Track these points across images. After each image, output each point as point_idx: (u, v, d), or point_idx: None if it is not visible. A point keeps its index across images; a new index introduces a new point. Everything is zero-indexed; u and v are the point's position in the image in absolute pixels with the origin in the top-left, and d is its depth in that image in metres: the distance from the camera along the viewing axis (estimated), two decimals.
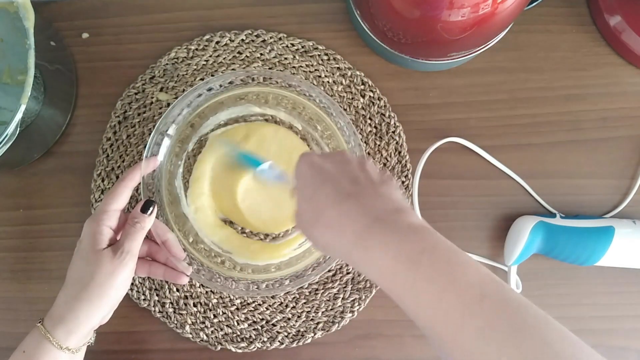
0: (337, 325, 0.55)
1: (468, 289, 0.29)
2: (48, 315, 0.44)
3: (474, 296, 0.29)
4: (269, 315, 0.55)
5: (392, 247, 0.32)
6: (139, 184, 0.48)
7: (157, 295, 0.55)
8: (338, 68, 0.58)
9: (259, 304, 0.55)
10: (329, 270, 0.55)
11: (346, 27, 0.59)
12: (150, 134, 0.49)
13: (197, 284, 0.55)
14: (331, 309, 0.55)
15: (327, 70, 0.58)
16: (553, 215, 0.54)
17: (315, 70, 0.58)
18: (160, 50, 0.58)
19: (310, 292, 0.55)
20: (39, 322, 0.44)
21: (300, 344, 0.55)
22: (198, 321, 0.55)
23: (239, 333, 0.55)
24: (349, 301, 0.55)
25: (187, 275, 0.49)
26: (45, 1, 0.58)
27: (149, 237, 0.49)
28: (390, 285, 0.32)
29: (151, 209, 0.46)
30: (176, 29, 0.59)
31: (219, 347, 0.55)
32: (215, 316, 0.55)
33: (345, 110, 0.57)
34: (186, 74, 0.57)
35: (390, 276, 0.32)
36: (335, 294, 0.55)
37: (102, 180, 0.56)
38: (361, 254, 0.33)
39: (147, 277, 0.54)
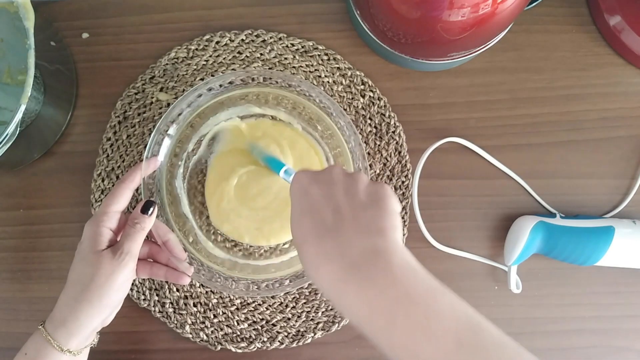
0: (337, 325, 0.55)
1: (444, 338, 0.30)
2: (49, 317, 0.44)
3: (450, 347, 0.30)
4: (269, 315, 0.55)
5: (368, 298, 0.32)
6: (139, 184, 0.48)
7: (157, 295, 0.55)
8: (338, 68, 0.58)
9: (259, 304, 0.55)
10: None
11: (346, 27, 0.58)
12: (150, 134, 0.49)
13: (197, 284, 0.55)
14: (331, 309, 0.55)
15: (327, 70, 0.57)
16: (553, 215, 0.54)
17: (315, 70, 0.58)
18: (160, 50, 0.58)
19: (310, 292, 0.55)
20: (41, 324, 0.43)
21: (300, 344, 0.55)
22: (198, 321, 0.55)
23: (239, 333, 0.55)
24: None
25: (189, 276, 0.49)
26: (45, 1, 0.58)
27: (149, 238, 0.49)
28: (366, 330, 0.33)
29: (151, 209, 0.46)
30: (176, 29, 0.59)
31: (219, 347, 0.55)
32: (215, 316, 0.55)
33: (345, 110, 0.57)
34: (186, 74, 0.57)
35: (367, 324, 0.33)
36: None
37: (102, 180, 0.56)
38: (337, 296, 0.34)
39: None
